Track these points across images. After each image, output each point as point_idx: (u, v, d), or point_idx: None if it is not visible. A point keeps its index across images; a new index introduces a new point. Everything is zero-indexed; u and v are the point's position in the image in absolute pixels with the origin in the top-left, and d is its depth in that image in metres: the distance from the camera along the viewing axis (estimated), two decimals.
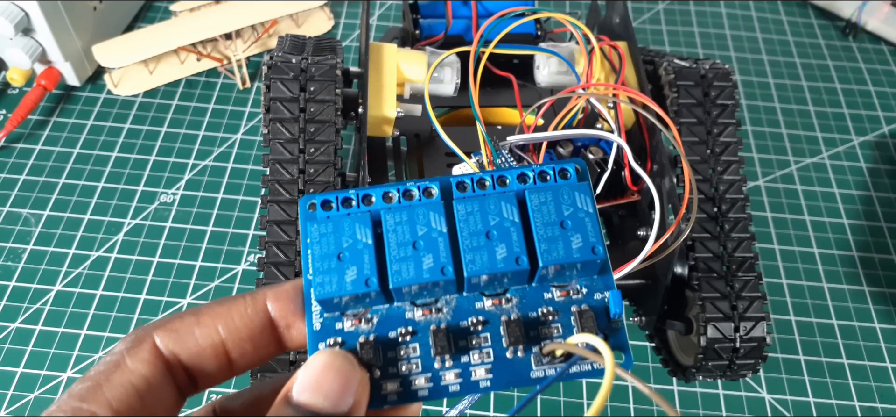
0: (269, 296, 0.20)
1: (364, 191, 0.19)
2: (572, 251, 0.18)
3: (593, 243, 0.18)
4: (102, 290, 0.45)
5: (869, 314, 0.47)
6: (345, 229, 0.19)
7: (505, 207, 0.19)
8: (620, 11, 0.43)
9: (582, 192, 0.19)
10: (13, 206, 0.49)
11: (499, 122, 0.46)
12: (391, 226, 0.19)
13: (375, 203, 0.19)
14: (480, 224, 0.19)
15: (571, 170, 0.20)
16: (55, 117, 0.55)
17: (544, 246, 0.18)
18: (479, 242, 0.18)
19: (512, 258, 0.18)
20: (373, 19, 0.64)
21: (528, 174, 0.19)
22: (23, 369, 0.42)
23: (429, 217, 0.19)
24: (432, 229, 0.19)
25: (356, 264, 0.18)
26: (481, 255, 0.18)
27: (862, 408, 0.43)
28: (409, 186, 0.19)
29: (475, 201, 0.19)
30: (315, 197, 0.19)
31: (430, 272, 0.18)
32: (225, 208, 0.50)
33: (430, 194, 0.19)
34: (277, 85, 0.36)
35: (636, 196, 0.38)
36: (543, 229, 0.19)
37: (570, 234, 0.19)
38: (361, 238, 0.19)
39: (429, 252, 0.18)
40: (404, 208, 0.19)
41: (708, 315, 0.35)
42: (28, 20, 0.51)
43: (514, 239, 0.18)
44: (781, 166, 0.55)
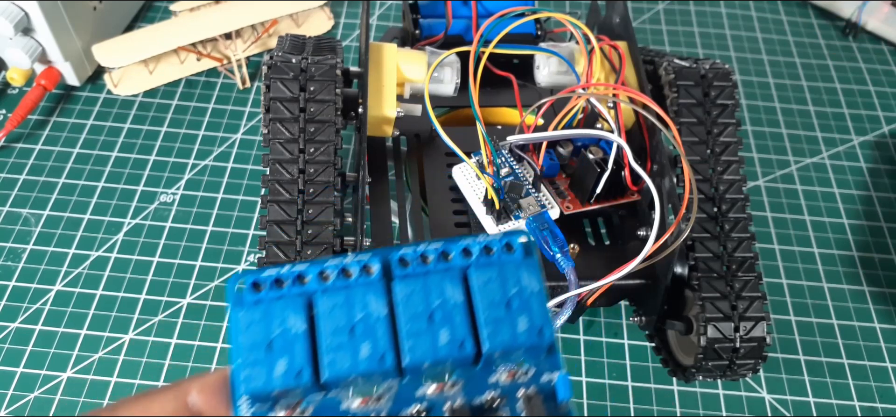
0: (195, 388, 0.19)
1: (298, 269, 0.18)
2: (518, 335, 0.17)
3: (540, 325, 0.17)
4: (102, 290, 0.45)
5: (869, 314, 0.47)
6: (275, 315, 0.17)
7: (448, 287, 0.18)
8: (620, 11, 0.43)
9: (528, 269, 0.18)
10: (13, 206, 0.49)
11: (499, 122, 0.46)
12: (326, 311, 0.17)
13: (310, 283, 0.18)
14: (422, 306, 0.17)
15: (517, 244, 0.18)
16: (55, 117, 0.55)
17: (489, 329, 0.17)
18: (420, 326, 0.17)
19: (455, 344, 0.17)
20: (373, 19, 0.64)
21: (472, 248, 0.18)
22: (22, 369, 0.42)
23: (367, 300, 0.17)
24: (370, 314, 0.17)
25: (287, 354, 0.17)
26: (423, 340, 0.17)
27: (862, 408, 0.43)
28: (348, 264, 0.18)
29: (417, 281, 0.18)
30: (244, 277, 0.18)
31: (368, 361, 0.17)
32: (225, 207, 0.50)
33: (370, 271, 0.18)
34: (277, 85, 0.36)
35: (636, 196, 0.38)
36: (488, 310, 0.17)
37: (515, 316, 0.17)
38: (293, 326, 0.17)
39: (367, 339, 0.17)
40: (340, 290, 0.18)
41: (708, 315, 0.35)
42: (28, 20, 0.51)
43: (457, 322, 0.17)
44: (781, 166, 0.55)
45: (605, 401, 0.42)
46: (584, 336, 0.45)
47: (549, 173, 0.39)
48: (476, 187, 0.38)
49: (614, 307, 0.46)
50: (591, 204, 0.38)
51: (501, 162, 0.38)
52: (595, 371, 0.43)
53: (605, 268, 0.34)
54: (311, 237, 0.34)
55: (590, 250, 0.39)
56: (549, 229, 0.35)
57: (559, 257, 0.34)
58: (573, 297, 0.33)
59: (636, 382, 0.43)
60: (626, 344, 0.44)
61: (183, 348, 0.43)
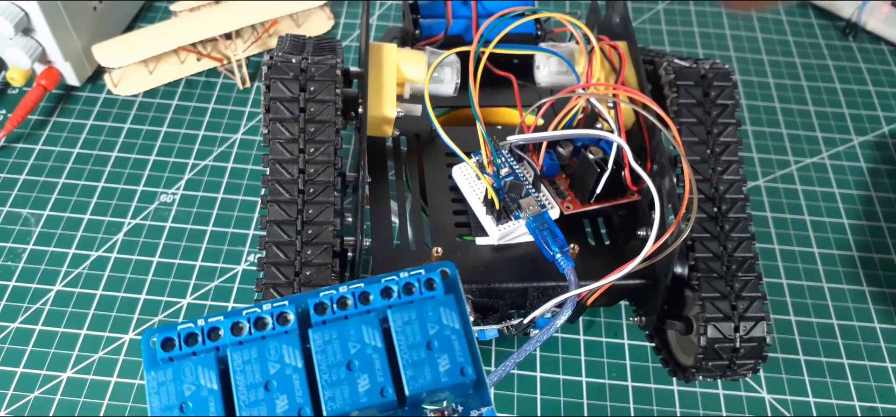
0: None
1: (211, 324, 0.18)
2: (440, 375, 0.17)
3: (462, 363, 0.17)
4: (102, 290, 0.45)
5: (869, 313, 0.47)
6: (186, 374, 0.17)
7: (366, 331, 0.17)
8: (620, 11, 0.43)
9: (447, 306, 0.18)
10: (13, 206, 0.49)
11: (499, 122, 0.46)
12: (240, 366, 0.17)
13: (223, 337, 0.18)
14: (340, 354, 0.17)
15: (438, 279, 0.18)
16: (55, 117, 0.55)
17: (410, 372, 0.17)
18: (339, 375, 0.17)
19: (376, 390, 0.17)
20: (373, 19, 0.64)
21: (392, 288, 0.18)
22: (22, 369, 0.42)
23: (281, 352, 0.17)
24: (286, 366, 0.17)
25: (200, 415, 0.17)
26: (342, 389, 0.17)
27: (862, 408, 0.43)
28: (263, 313, 0.18)
29: (334, 328, 0.17)
30: (156, 333, 0.18)
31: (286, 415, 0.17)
32: (225, 207, 0.50)
33: (286, 320, 0.18)
34: (277, 85, 0.36)
35: (636, 196, 0.38)
36: (408, 352, 0.17)
37: (436, 355, 0.17)
38: (206, 384, 0.17)
39: (283, 393, 0.17)
40: (255, 343, 0.17)
41: (708, 315, 0.35)
42: (28, 20, 0.51)
43: (377, 368, 0.17)
44: (781, 166, 0.55)
45: (604, 401, 0.42)
46: (584, 336, 0.45)
47: (549, 173, 0.39)
48: (476, 187, 0.38)
49: (614, 307, 0.46)
50: (591, 204, 0.38)
51: (501, 162, 0.38)
52: (595, 371, 0.43)
53: (605, 268, 0.34)
54: (311, 237, 0.34)
55: (590, 250, 0.39)
56: (549, 229, 0.35)
57: (559, 258, 0.34)
58: (573, 297, 0.33)
59: (636, 382, 0.43)
60: (626, 344, 0.44)
61: None
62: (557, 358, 0.44)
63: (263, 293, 0.33)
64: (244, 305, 0.18)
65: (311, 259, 0.34)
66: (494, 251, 0.37)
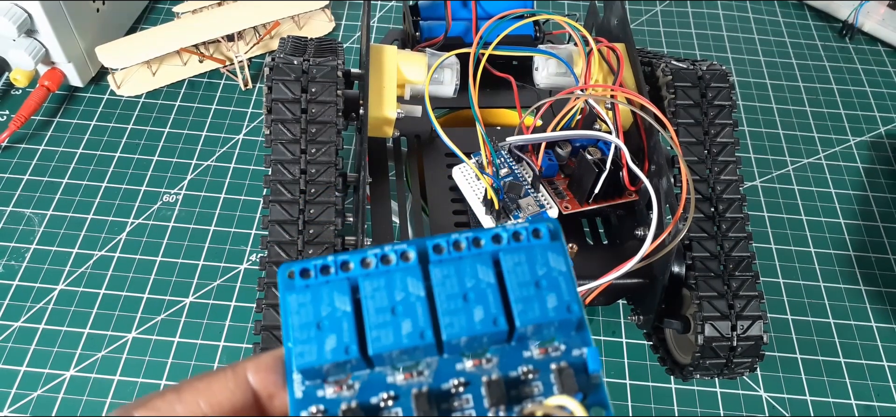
0: (250, 368, 0.20)
1: (342, 257, 0.19)
2: (548, 311, 0.18)
3: (568, 301, 0.19)
4: (105, 289, 0.46)
5: (865, 313, 0.47)
6: (323, 297, 0.19)
7: (480, 269, 0.19)
8: (618, 13, 0.43)
9: (555, 252, 0.19)
10: (17, 206, 0.50)
11: (498, 123, 0.47)
12: (369, 293, 0.19)
13: (353, 269, 0.19)
14: (457, 287, 0.19)
15: (544, 229, 0.20)
16: (58, 118, 0.55)
17: (520, 307, 0.18)
18: (456, 305, 0.18)
19: (489, 320, 0.18)
20: (373, 21, 0.64)
21: (502, 235, 0.19)
22: (26, 367, 0.42)
23: (406, 282, 0.19)
24: (410, 294, 0.19)
25: (336, 332, 0.18)
26: (459, 318, 0.18)
27: (859, 407, 0.43)
28: (387, 251, 0.19)
29: (451, 265, 0.19)
30: (293, 265, 0.19)
31: (409, 337, 0.18)
32: (227, 207, 0.50)
33: (408, 258, 0.19)
34: (279, 86, 0.36)
35: (634, 196, 0.39)
36: (519, 289, 0.19)
37: (544, 293, 0.19)
38: (340, 306, 0.19)
39: (407, 317, 0.18)
40: (382, 274, 0.19)
41: (705, 314, 0.35)
42: (31, 21, 0.51)
43: (490, 301, 0.19)
44: (778, 167, 0.55)
45: None
46: None
47: (548, 173, 0.39)
48: (476, 188, 0.38)
49: (612, 306, 0.46)
50: (589, 204, 0.38)
51: (501, 162, 0.38)
52: None
53: (603, 267, 0.34)
54: (312, 237, 0.34)
55: (588, 249, 0.39)
56: None
57: None
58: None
59: (634, 380, 0.43)
60: (624, 343, 0.45)
61: (186, 346, 0.44)
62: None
63: (266, 293, 0.34)
64: (368, 247, 0.20)
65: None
66: None
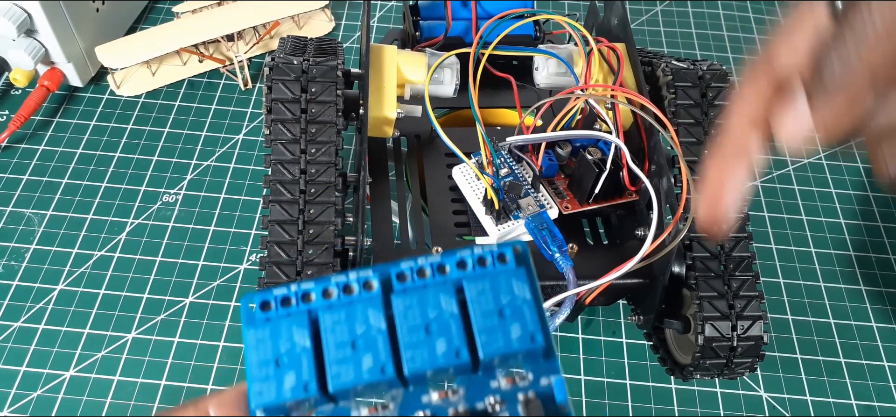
0: (212, 404, 0.19)
1: (303, 288, 0.19)
2: (512, 341, 0.18)
3: (532, 330, 0.18)
4: (105, 289, 0.46)
5: (866, 313, 0.47)
6: (282, 332, 0.19)
7: (443, 299, 0.19)
8: (618, 13, 0.43)
9: (519, 278, 0.19)
10: (16, 206, 0.50)
11: (498, 123, 0.47)
12: (329, 326, 0.18)
13: (315, 300, 0.19)
14: (419, 318, 0.18)
15: (510, 254, 0.19)
16: (58, 118, 0.55)
17: (484, 337, 0.18)
18: (418, 337, 0.18)
19: (452, 353, 0.18)
20: (373, 21, 0.64)
21: (467, 260, 0.19)
22: (25, 368, 0.42)
23: (367, 315, 0.19)
24: (371, 327, 0.18)
25: (295, 369, 0.18)
26: (421, 351, 0.18)
27: (859, 407, 0.43)
28: (350, 280, 0.19)
29: (414, 295, 0.19)
30: (255, 296, 0.19)
31: (370, 372, 0.18)
32: (227, 207, 0.50)
33: (371, 287, 0.19)
34: (279, 86, 0.36)
35: (634, 196, 0.39)
36: (482, 319, 0.18)
37: (508, 323, 0.18)
38: (299, 341, 0.18)
39: (368, 352, 0.18)
40: (343, 306, 0.19)
41: (705, 314, 0.35)
42: (31, 21, 0.51)
43: (453, 332, 0.18)
44: (778, 167, 0.55)
45: (603, 400, 0.42)
46: (582, 335, 0.45)
47: (548, 173, 0.39)
48: (476, 188, 0.38)
49: (613, 306, 0.46)
50: (589, 204, 0.38)
51: (501, 162, 0.38)
52: (593, 370, 0.43)
53: (603, 267, 0.34)
54: (312, 237, 0.34)
55: (588, 249, 0.39)
56: (547, 228, 0.36)
57: (558, 257, 0.34)
58: (572, 296, 0.33)
59: (634, 380, 0.43)
60: (625, 343, 0.45)
61: (185, 346, 0.44)
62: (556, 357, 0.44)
63: None
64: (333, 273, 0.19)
65: (312, 259, 0.34)
66: None
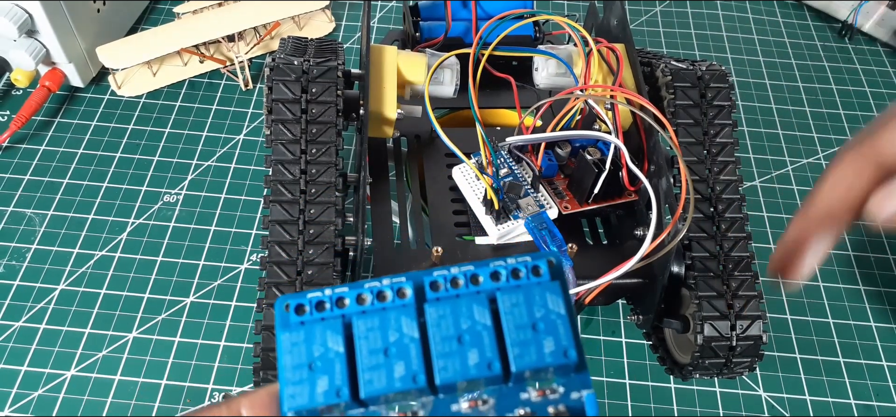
0: (244, 404, 0.19)
1: (338, 293, 0.19)
2: (545, 355, 0.18)
3: (566, 346, 0.18)
4: (106, 289, 0.46)
5: (865, 312, 0.47)
6: (316, 337, 0.19)
7: (477, 309, 0.18)
8: (618, 14, 0.43)
9: (554, 292, 0.19)
10: (17, 206, 0.50)
11: (498, 123, 0.47)
12: (363, 333, 0.18)
13: (349, 306, 0.19)
14: (452, 328, 0.18)
15: (544, 267, 0.19)
16: (59, 118, 0.55)
17: (516, 351, 0.18)
18: (450, 347, 0.18)
19: (484, 364, 0.18)
20: (373, 22, 0.64)
21: (500, 272, 0.19)
22: (26, 367, 0.42)
23: (400, 323, 0.18)
24: (404, 335, 0.18)
25: (328, 373, 0.18)
26: (453, 361, 0.18)
27: (858, 407, 0.43)
28: (384, 286, 0.19)
29: (447, 304, 0.19)
30: (289, 299, 0.19)
31: (402, 380, 0.18)
32: (228, 207, 0.50)
33: (404, 295, 0.19)
34: (279, 87, 0.36)
35: (633, 196, 0.39)
36: (515, 332, 0.18)
37: (542, 337, 0.18)
38: (333, 346, 0.18)
39: (400, 359, 0.18)
40: (376, 313, 0.19)
41: (704, 314, 0.35)
42: (32, 22, 0.51)
43: (486, 343, 0.18)
44: (777, 167, 0.55)
45: (602, 400, 0.42)
46: (582, 335, 0.45)
47: (548, 173, 0.39)
48: (476, 188, 0.38)
49: (612, 306, 0.46)
50: (588, 204, 0.38)
51: (500, 163, 0.38)
52: (593, 369, 0.44)
53: (602, 267, 0.34)
54: (312, 237, 0.35)
55: (588, 249, 0.39)
56: (547, 228, 0.36)
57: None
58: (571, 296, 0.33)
59: (633, 380, 0.43)
60: (624, 342, 0.45)
61: (186, 346, 0.44)
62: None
63: (266, 293, 0.34)
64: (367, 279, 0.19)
65: (312, 259, 0.34)
66: (494, 251, 0.38)
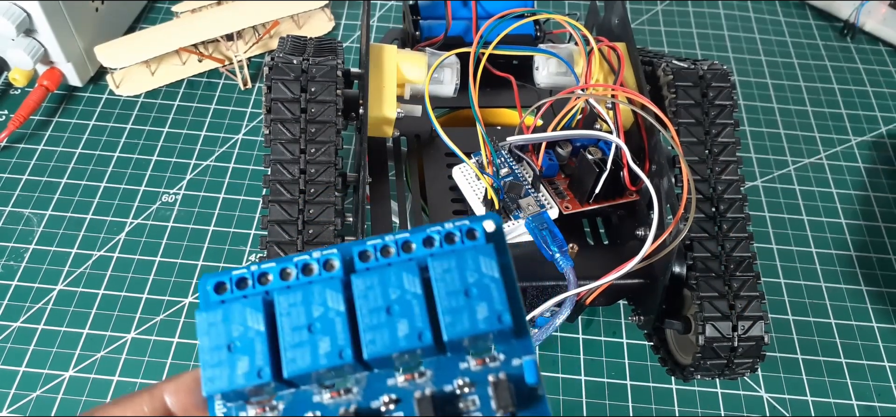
0: (168, 390, 0.19)
1: (261, 269, 0.18)
2: (477, 322, 0.17)
3: (499, 311, 0.17)
4: (104, 289, 0.46)
5: (866, 313, 0.47)
6: (234, 316, 0.18)
7: (406, 278, 0.18)
8: (619, 12, 0.43)
9: (487, 255, 0.18)
10: (15, 206, 0.50)
11: (498, 122, 0.46)
12: (285, 309, 0.18)
13: (272, 282, 0.18)
14: (381, 299, 0.17)
15: (480, 229, 0.18)
16: (57, 118, 0.55)
17: (448, 319, 0.17)
18: (379, 319, 0.17)
19: (415, 335, 0.17)
20: (373, 21, 0.64)
21: (434, 237, 0.18)
22: (25, 368, 0.42)
23: (325, 296, 0.18)
24: (329, 309, 0.17)
25: (247, 353, 0.17)
26: (382, 333, 0.17)
27: (860, 407, 0.43)
28: (310, 260, 0.18)
29: (375, 274, 0.18)
30: (210, 277, 0.18)
31: (328, 356, 0.17)
32: (226, 208, 0.50)
33: (332, 267, 0.18)
34: (278, 86, 0.36)
35: (635, 196, 0.39)
36: (446, 299, 0.17)
37: (474, 303, 0.17)
38: (253, 325, 0.17)
39: (325, 335, 0.17)
40: (300, 288, 0.18)
41: (706, 314, 0.35)
42: (30, 21, 0.51)
43: (416, 313, 0.17)
44: (779, 167, 0.55)
45: (603, 400, 0.42)
46: (582, 335, 0.45)
47: (549, 173, 0.39)
48: (476, 187, 0.38)
49: (613, 306, 0.46)
50: (589, 204, 0.38)
51: (501, 162, 0.38)
52: (594, 370, 0.43)
53: (603, 267, 0.34)
54: (312, 237, 0.34)
55: (589, 249, 0.39)
56: (548, 228, 0.36)
57: (558, 257, 0.34)
58: (572, 296, 0.33)
59: (635, 381, 0.43)
60: (625, 343, 0.45)
61: (185, 347, 0.43)
62: (556, 357, 0.44)
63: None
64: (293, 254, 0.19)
65: None
66: None
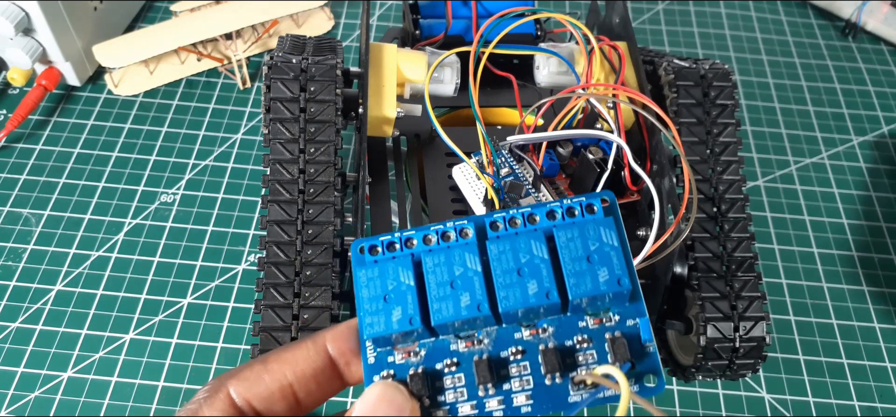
0: (328, 338, 0.21)
1: (406, 235, 0.21)
2: (599, 284, 0.20)
3: (619, 274, 0.20)
4: (103, 290, 0.45)
5: (868, 313, 0.47)
6: (389, 272, 0.21)
7: (534, 244, 0.20)
8: (620, 12, 0.43)
9: (607, 227, 0.20)
10: (14, 206, 0.50)
11: (499, 122, 0.46)
12: (431, 268, 0.20)
13: (416, 246, 0.21)
14: (512, 262, 0.20)
15: (598, 205, 0.21)
16: (56, 117, 0.55)
17: (573, 280, 0.20)
18: (511, 279, 0.20)
19: (542, 293, 0.20)
20: (373, 20, 0.64)
21: (556, 211, 0.21)
22: (23, 368, 0.42)
23: (464, 258, 0.20)
24: (468, 269, 0.20)
25: (401, 304, 0.20)
26: (514, 291, 0.20)
27: (861, 408, 0.43)
28: (448, 228, 0.21)
29: (507, 241, 0.20)
30: (364, 241, 0.21)
31: (468, 308, 0.20)
32: (225, 207, 0.50)
33: (466, 234, 0.21)
34: (278, 85, 0.36)
35: (636, 196, 0.38)
36: (571, 264, 0.20)
37: (596, 268, 0.20)
38: (404, 280, 0.20)
39: (465, 291, 0.20)
40: (442, 251, 0.21)
41: (707, 315, 0.35)
42: (28, 20, 0.51)
43: (544, 275, 0.20)
44: (781, 166, 0.55)
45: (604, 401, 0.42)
46: None
47: (549, 172, 0.39)
48: (476, 187, 0.38)
49: None
50: None
51: (501, 162, 0.38)
52: None
53: None
54: (311, 237, 0.34)
55: None
56: None
57: None
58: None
59: None
60: None
61: (183, 347, 0.43)
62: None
63: (264, 293, 0.33)
64: (430, 224, 0.22)
65: (311, 259, 0.34)
66: None
